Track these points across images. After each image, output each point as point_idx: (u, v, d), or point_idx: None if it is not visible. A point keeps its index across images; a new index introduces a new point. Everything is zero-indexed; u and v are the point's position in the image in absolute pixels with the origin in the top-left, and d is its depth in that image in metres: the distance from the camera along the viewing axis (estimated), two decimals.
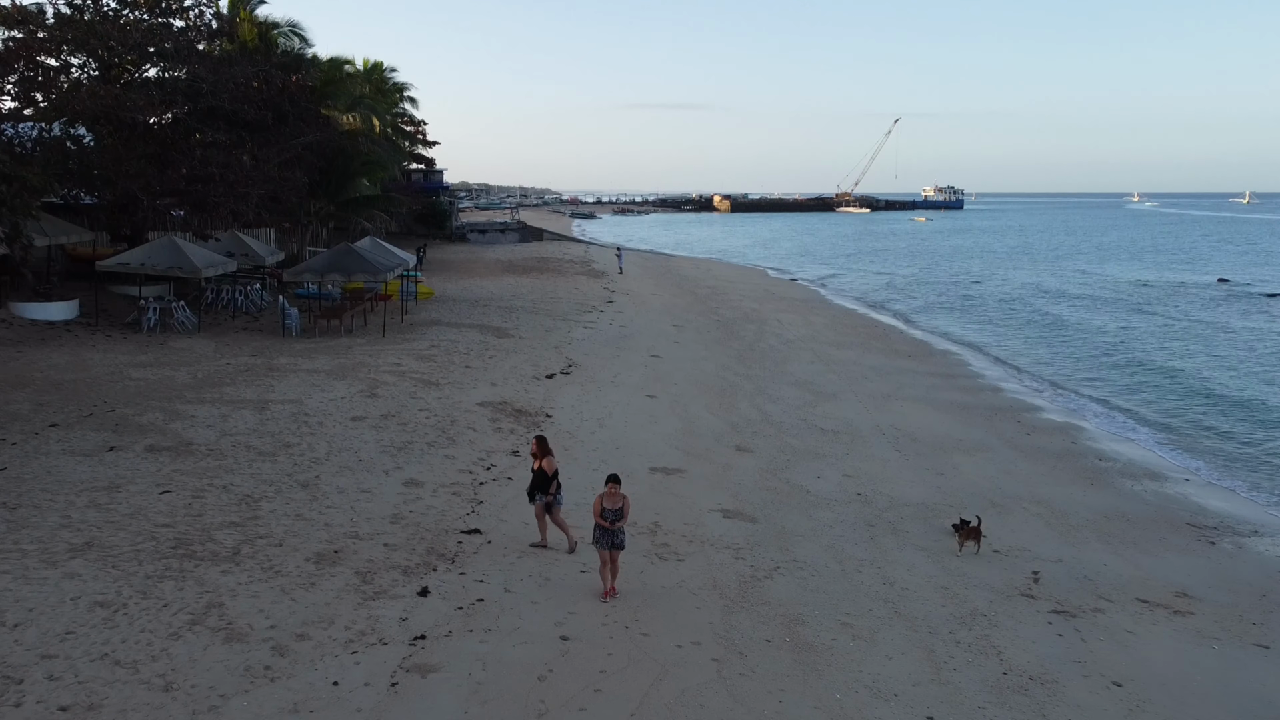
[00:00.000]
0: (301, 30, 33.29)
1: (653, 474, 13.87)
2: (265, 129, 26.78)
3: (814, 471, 15.00)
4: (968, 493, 15.08)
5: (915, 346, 32.12)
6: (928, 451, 17.47)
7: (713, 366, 23.42)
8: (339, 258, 23.03)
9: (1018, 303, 48.74)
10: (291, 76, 28.35)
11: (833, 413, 19.71)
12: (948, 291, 52.72)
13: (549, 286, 37.49)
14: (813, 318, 37.37)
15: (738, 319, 33.50)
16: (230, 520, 10.34)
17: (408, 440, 13.92)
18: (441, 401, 16.46)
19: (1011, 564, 12.00)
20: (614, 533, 9.19)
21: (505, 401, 16.90)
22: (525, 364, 20.75)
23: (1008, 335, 36.94)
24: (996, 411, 22.30)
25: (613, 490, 9.27)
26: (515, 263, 48.93)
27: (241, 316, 25.84)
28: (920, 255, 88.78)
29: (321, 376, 18.08)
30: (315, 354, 20.55)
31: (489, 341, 23.23)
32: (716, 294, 42.46)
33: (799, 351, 27.54)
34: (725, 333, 29.61)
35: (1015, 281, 58.44)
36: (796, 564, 10.93)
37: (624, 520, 9.30)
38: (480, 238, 65.93)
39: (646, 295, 38.41)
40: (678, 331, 28.62)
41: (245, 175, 24.52)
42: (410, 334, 23.90)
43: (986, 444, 18.73)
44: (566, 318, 28.60)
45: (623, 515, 9.25)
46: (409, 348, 21.78)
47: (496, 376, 19.08)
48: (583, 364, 21.46)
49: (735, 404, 19.35)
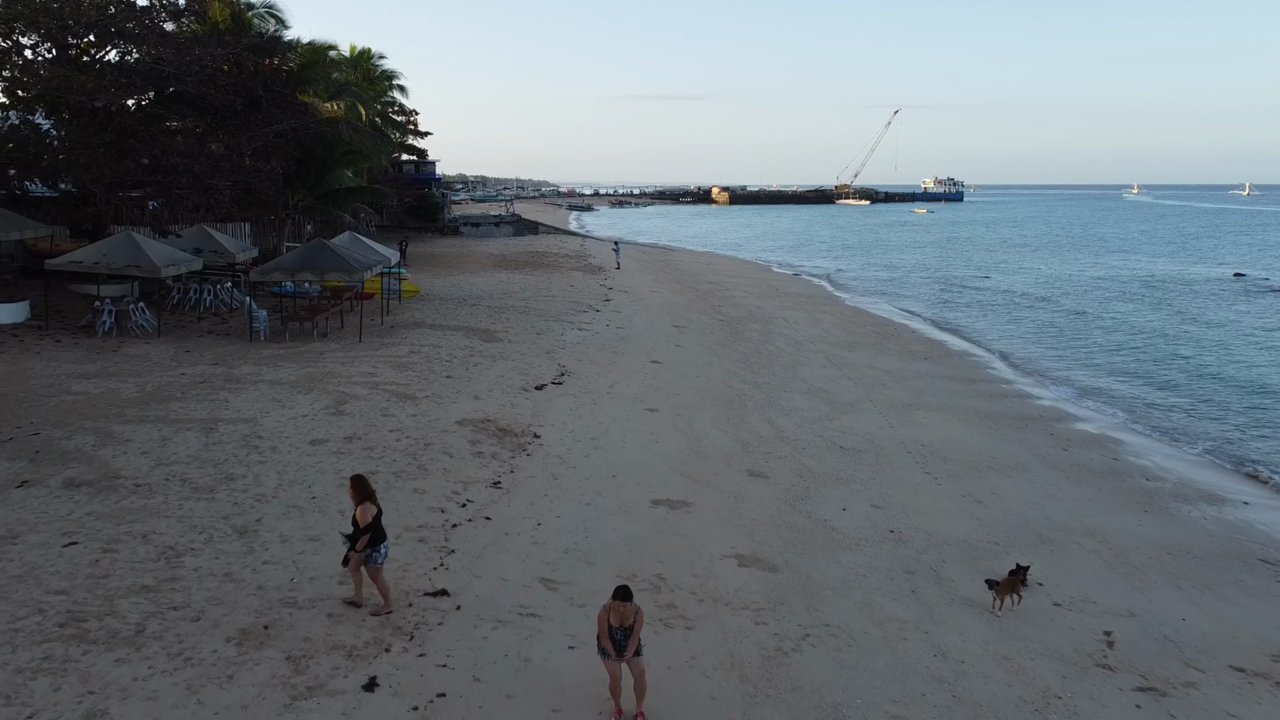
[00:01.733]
0: (278, 11, 31.34)
1: (655, 508, 12.04)
2: (236, 115, 24.84)
3: (838, 501, 13.17)
4: (1012, 524, 13.28)
5: (930, 347, 30.30)
6: (960, 472, 15.66)
7: (718, 373, 21.57)
8: (311, 255, 21.13)
9: (1031, 299, 46.87)
10: (265, 59, 26.38)
11: (852, 426, 17.88)
12: (957, 287, 50.87)
13: (543, 283, 35.59)
14: (821, 316, 35.52)
15: (742, 318, 31.64)
16: (142, 583, 8.50)
17: (372, 470, 12.06)
18: (416, 420, 14.60)
19: (1078, 621, 10.19)
20: (622, 648, 7.31)
21: (489, 419, 15.04)
22: (513, 372, 18.88)
23: (1025, 334, 35.11)
24: (1026, 421, 20.50)
25: (620, 606, 7.26)
26: (508, 257, 47.01)
27: (210, 318, 23.95)
28: (923, 248, 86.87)
29: (285, 389, 16.21)
30: (282, 362, 18.68)
31: (475, 346, 21.36)
32: (719, 290, 40.59)
33: (809, 354, 25.70)
34: (730, 333, 27.75)
35: (1025, 276, 56.61)
36: (828, 629, 9.11)
37: (635, 640, 7.33)
38: (474, 231, 63.96)
39: (645, 292, 36.53)
40: (679, 333, 26.75)
41: (213, 165, 22.61)
42: (390, 338, 22.02)
43: (1022, 461, 16.93)
44: (560, 318, 26.72)
45: (633, 634, 7.29)
46: (387, 354, 19.90)
47: (481, 388, 17.22)
48: (577, 372, 19.60)
49: (745, 417, 17.51)
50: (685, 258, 60.76)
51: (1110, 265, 65.00)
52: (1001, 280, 54.54)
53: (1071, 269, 61.40)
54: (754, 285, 45.43)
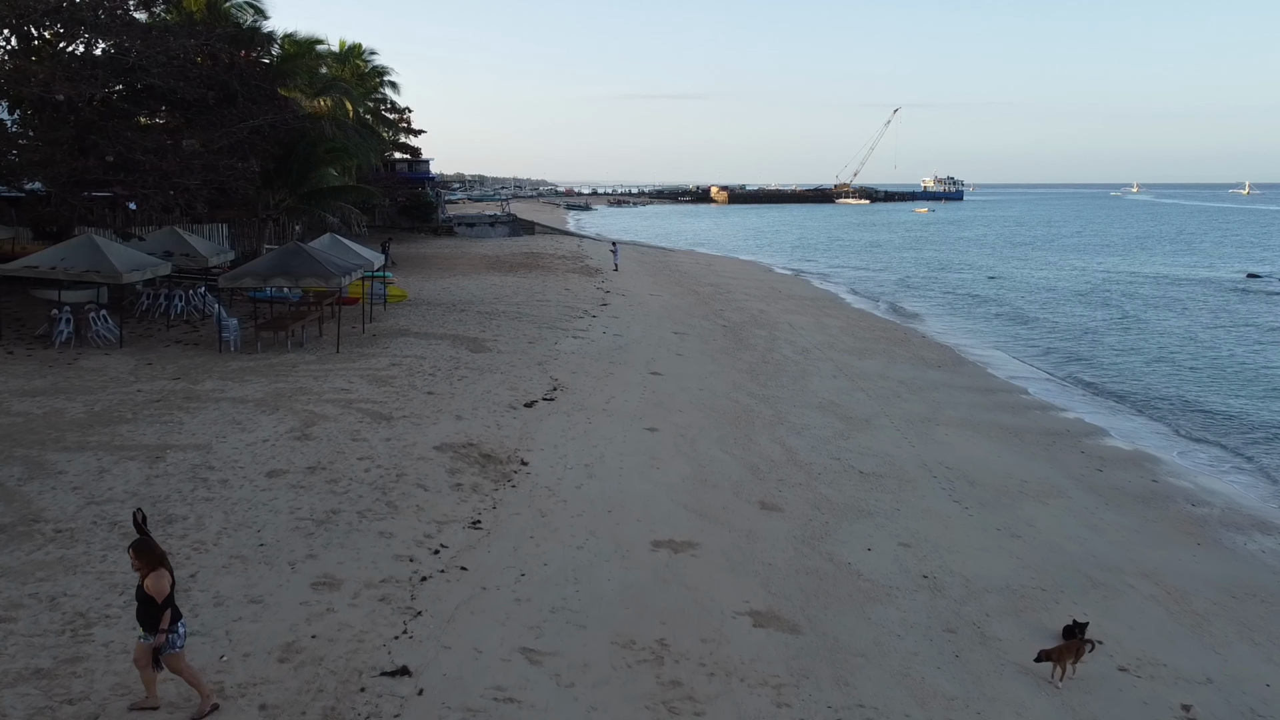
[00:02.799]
0: (258, 2, 29.82)
1: (656, 551, 10.58)
2: (209, 110, 23.35)
3: (862, 539, 11.71)
4: (1057, 564, 11.83)
5: (943, 354, 28.86)
6: (991, 499, 14.21)
7: (722, 385, 20.11)
8: (285, 259, 19.64)
9: (1041, 300, 45.46)
10: (241, 51, 24.89)
11: (869, 446, 16.42)
12: (964, 288, 49.45)
13: (537, 286, 34.12)
14: (827, 320, 34.08)
15: (746, 323, 30.18)
16: (36, 666, 7.02)
17: (334, 509, 10.60)
18: (390, 445, 13.12)
19: (1150, 691, 8.74)
20: None
21: (471, 443, 13.57)
22: (501, 387, 17.40)
23: (1040, 338, 33.69)
24: (1053, 437, 19.07)
25: None
26: (502, 258, 45.52)
27: (181, 326, 22.47)
28: (926, 247, 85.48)
29: (248, 408, 14.73)
30: (250, 376, 17.20)
31: (462, 357, 19.87)
32: (720, 293, 39.13)
33: (818, 363, 24.25)
34: (733, 341, 26.29)
35: (1034, 277, 55.19)
36: (863, 711, 7.66)
37: None
38: (468, 231, 62.45)
39: (644, 295, 35.07)
40: (680, 340, 25.29)
41: (182, 163, 21.12)
42: (370, 347, 20.54)
43: (1056, 485, 15.48)
44: (554, 325, 25.24)
45: None
46: (365, 366, 18.42)
47: (465, 406, 15.74)
48: (570, 386, 18.12)
49: (753, 437, 16.05)
50: (684, 259, 59.34)
51: (1120, 265, 63.57)
52: (1010, 281, 53.10)
53: (1080, 269, 59.98)
54: (756, 287, 43.97)
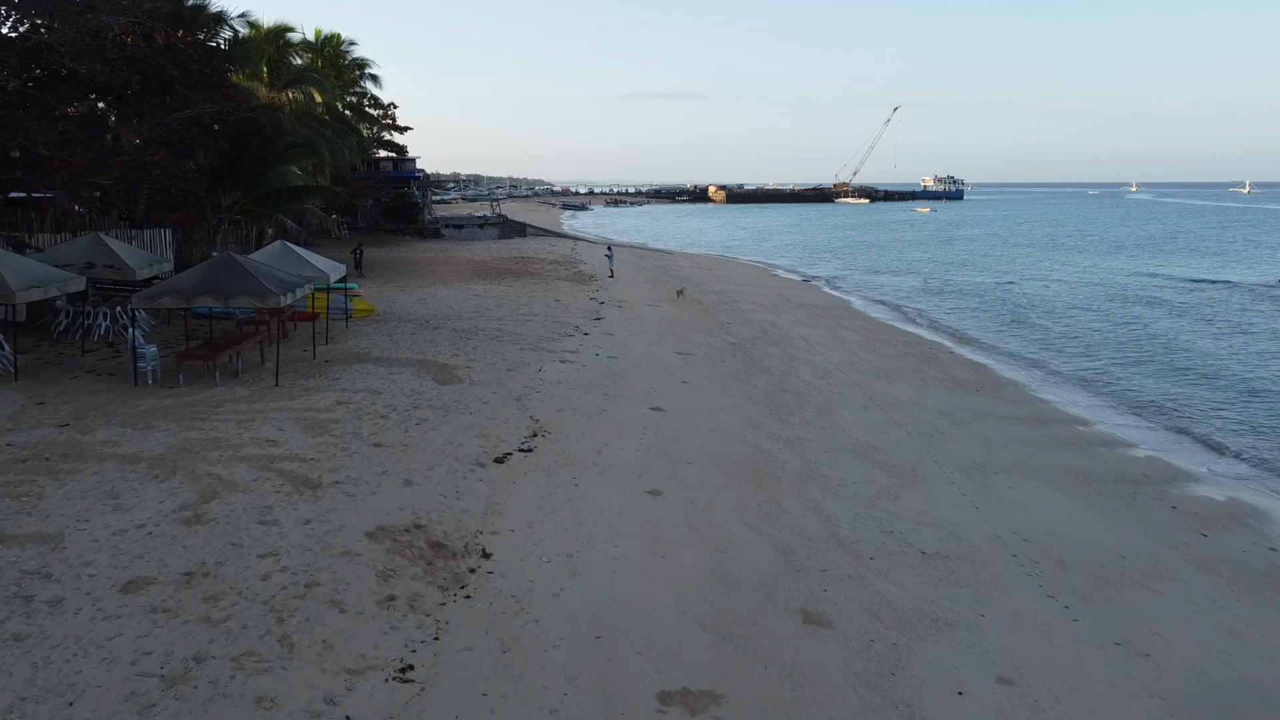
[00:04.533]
0: None
1: (665, 711, 7.36)
2: (137, 99, 20.10)
3: (945, 673, 8.50)
4: (1211, 703, 8.64)
5: (976, 374, 25.70)
6: (1092, 590, 11.01)
7: (737, 423, 16.87)
8: (214, 273, 16.38)
9: (1067, 307, 42.34)
10: (178, 31, 21.63)
11: (923, 509, 13.21)
12: (982, 294, 46.29)
13: (523, 297, 30.87)
14: (844, 334, 30.89)
15: (756, 339, 26.96)
16: None
17: (200, 653, 7.35)
18: (308, 532, 9.89)
19: None
20: None
21: (418, 524, 10.34)
22: (469, 433, 14.16)
23: (1078, 352, 30.53)
24: (1130, 485, 15.88)
25: None
26: (489, 264, 42.26)
27: (101, 350, 19.23)
28: (933, 247, 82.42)
29: (138, 472, 11.49)
30: (159, 420, 13.95)
31: (425, 391, 16.62)
32: (725, 301, 35.92)
33: (843, 389, 21.04)
34: (744, 362, 23.06)
35: (1052, 280, 52.04)
36: None
37: None
38: (456, 233, 59.19)
39: (642, 306, 31.83)
40: (684, 363, 22.05)
41: (98, 159, 17.87)
42: (318, 378, 17.28)
43: (1161, 562, 12.28)
44: (540, 345, 22.00)
45: None
46: (305, 405, 15.16)
47: (419, 464, 12.51)
48: (554, 429, 14.88)
49: (780, 500, 12.83)
50: (684, 262, 56.09)
51: (1138, 268, 60.42)
52: (1029, 286, 49.91)
53: (1099, 272, 56.79)
54: (762, 295, 40.78)
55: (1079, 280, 52.73)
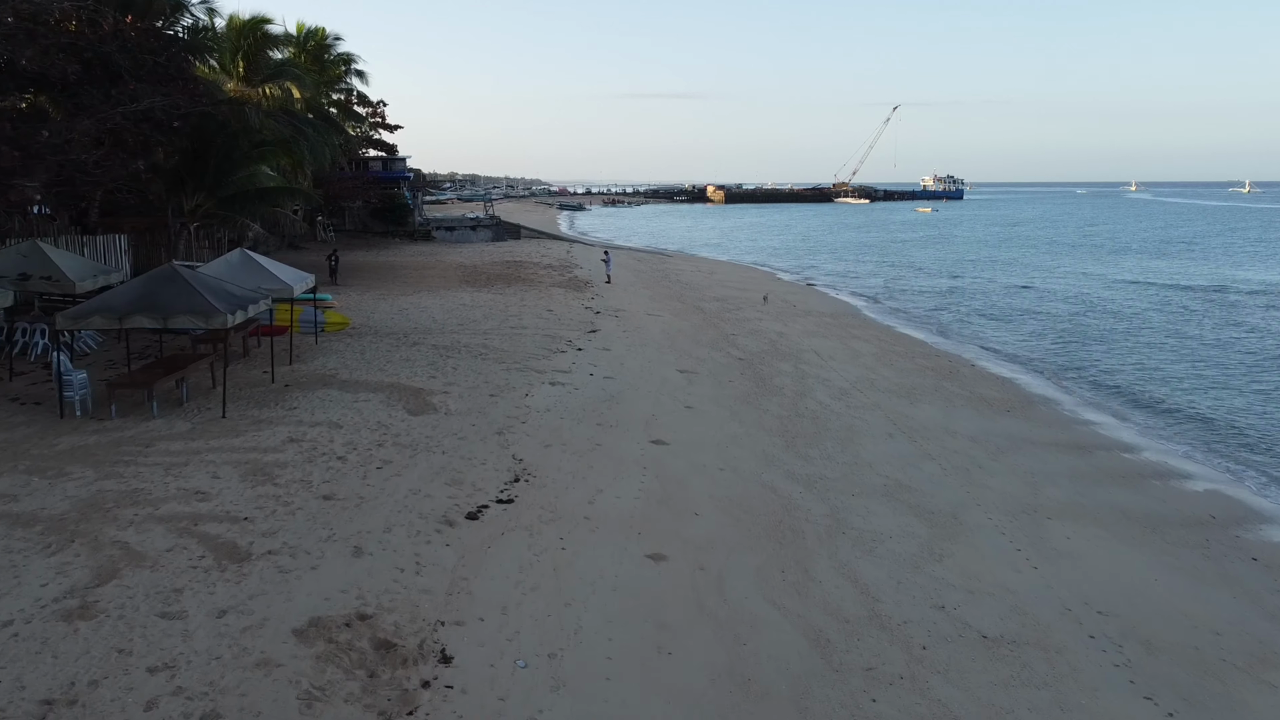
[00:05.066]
0: None
1: None
2: (78, 90, 18.03)
3: None
4: None
5: (1003, 390, 23.68)
6: (1193, 685, 8.97)
7: (750, 459, 14.81)
8: (152, 289, 14.31)
9: (1086, 310, 40.45)
10: (128, 17, 19.54)
11: (975, 570, 11.16)
12: (995, 297, 44.30)
13: (514, 306, 28.79)
14: (856, 344, 28.85)
15: (765, 353, 24.89)
16: None
17: None
18: (221, 626, 7.81)
19: None
20: None
21: (364, 614, 8.26)
22: (438, 480, 12.09)
23: (1105, 362, 28.59)
24: (1201, 532, 13.85)
25: None
26: (480, 269, 40.18)
27: (36, 373, 17.15)
28: (935, 247, 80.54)
29: (29, 539, 9.42)
30: (73, 465, 11.88)
31: (393, 424, 14.55)
32: (728, 309, 33.87)
33: (863, 412, 19.00)
34: (754, 381, 20.99)
35: (1067, 283, 50.04)
36: None
37: None
38: (447, 235, 57.09)
39: (640, 315, 29.78)
40: (688, 383, 19.99)
41: (22, 159, 15.79)
42: (274, 407, 15.21)
43: (1265, 640, 10.23)
44: (528, 364, 19.93)
45: None
46: (251, 443, 13.09)
47: (374, 523, 10.43)
48: (539, 471, 12.82)
49: (808, 565, 10.75)
50: (684, 265, 54.07)
51: (1154, 270, 58.37)
52: (1044, 289, 47.90)
53: (1115, 275, 54.73)
54: (769, 302, 38.76)
55: (1093, 282, 50.75)
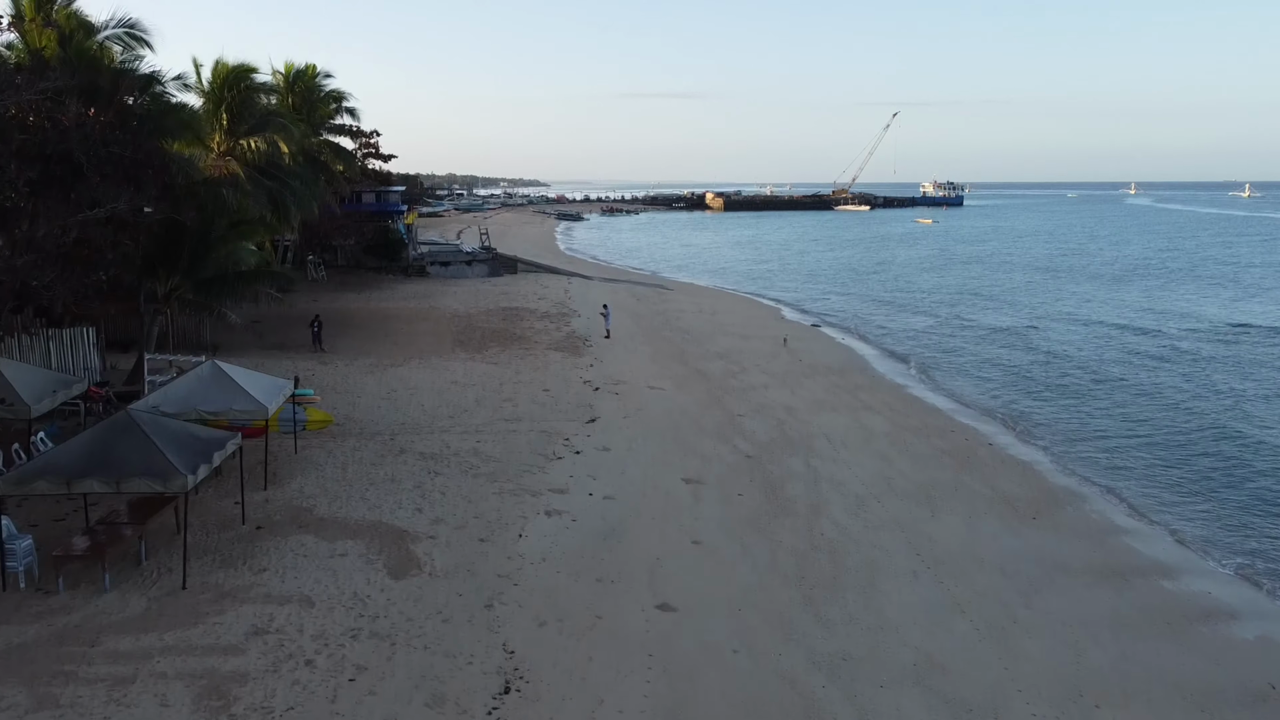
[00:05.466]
0: (141, 32, 22.83)
1: None
2: (32, 195, 16.62)
3: None
4: None
5: (1026, 483, 22.40)
6: None
7: (766, 631, 13.36)
8: (105, 443, 12.86)
9: (1100, 359, 39.21)
10: (89, 109, 18.14)
11: None
12: (1005, 345, 42.96)
13: (508, 382, 27.38)
14: (867, 417, 27.53)
15: (773, 443, 23.49)
16: None
17: None
18: None
19: None
20: None
21: None
22: (415, 704, 10.67)
23: (1126, 437, 27.38)
24: (1263, 710, 12.58)
25: None
26: (474, 320, 38.77)
27: None
28: (937, 270, 79.38)
29: None
30: (5, 679, 10.48)
31: (371, 599, 13.14)
32: (733, 371, 32.47)
33: (881, 534, 17.65)
34: (764, 491, 19.59)
35: (1083, 323, 48.67)
36: None
37: None
38: (442, 271, 55.70)
39: (641, 388, 28.39)
40: (694, 500, 18.60)
41: None
42: (239, 569, 13.80)
43: None
44: (521, 483, 18.52)
45: None
46: (209, 639, 11.68)
47: None
48: (532, 674, 11.42)
49: None
50: (684, 302, 52.63)
51: (1164, 303, 57.04)
52: (1052, 330, 46.57)
53: (1123, 311, 53.34)
54: (773, 352, 37.40)
55: (1104, 320, 49.37)
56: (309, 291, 46.25)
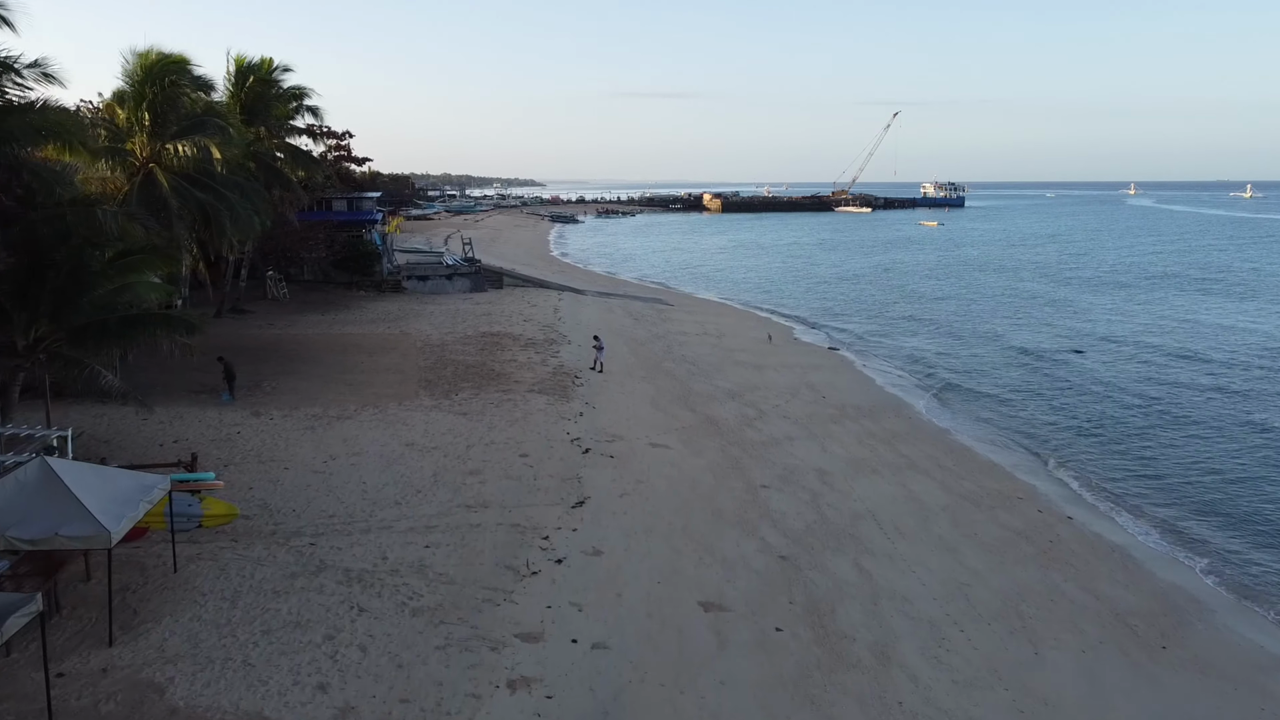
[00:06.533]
0: (6, 10, 17.67)
1: None
2: None
3: None
4: None
5: (1138, 588, 17.61)
6: None
7: None
8: None
9: (1160, 390, 34.56)
10: None
11: None
12: (1043, 370, 38.25)
13: (477, 444, 22.27)
14: (916, 481, 22.62)
15: (810, 530, 18.45)
16: None
17: None
18: None
19: None
20: None
21: None
22: None
23: (1242, 505, 22.53)
24: None
25: None
26: (448, 351, 33.64)
27: None
28: (953, 277, 74.68)
29: None
30: None
31: None
32: (749, 417, 27.41)
33: (977, 697, 12.64)
34: (811, 624, 14.48)
35: (1125, 344, 43.78)
36: None
37: None
38: (420, 286, 50.52)
39: (643, 445, 23.31)
40: (718, 644, 13.49)
41: None
42: None
43: None
44: (475, 625, 13.39)
45: None
46: None
47: None
48: None
49: None
50: (687, 321, 47.52)
51: (1217, 315, 52.10)
52: (1099, 353, 41.64)
53: (1175, 326, 48.33)
54: (789, 385, 32.38)
55: (1145, 340, 44.41)
56: (266, 315, 41.09)
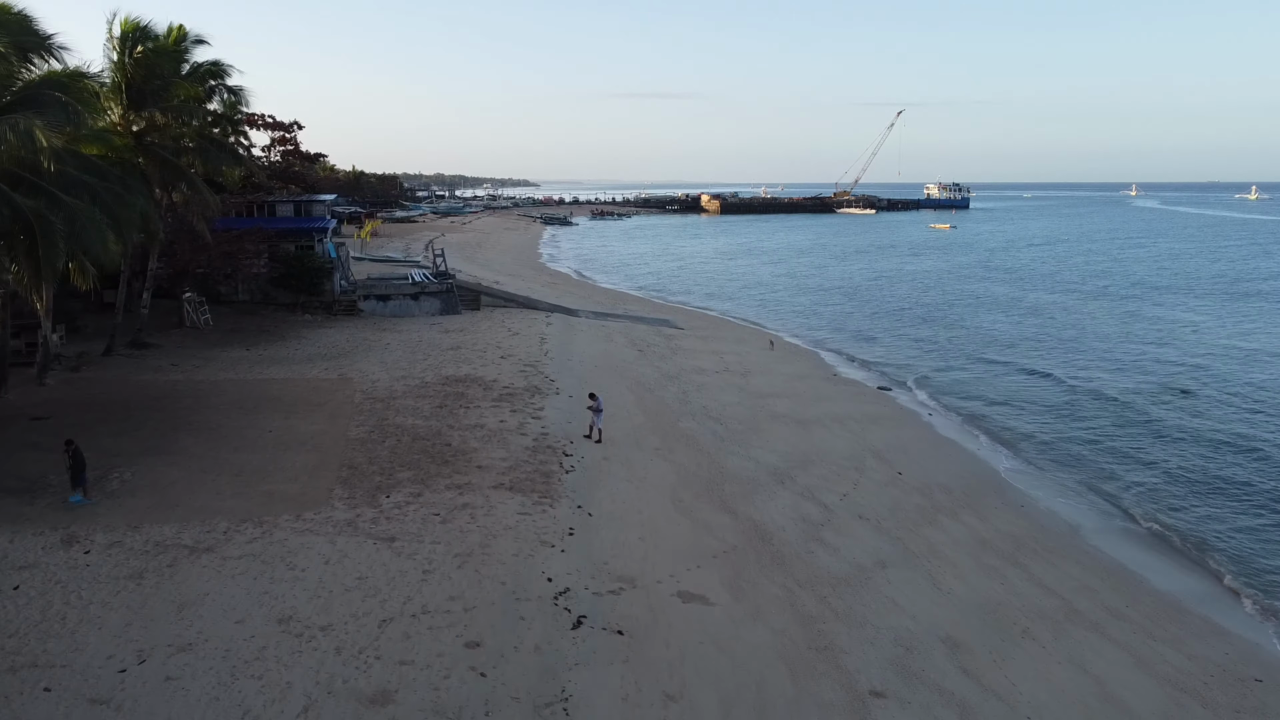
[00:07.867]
0: None
1: None
2: None
3: None
4: None
5: None
6: None
7: None
8: None
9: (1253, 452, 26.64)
10: None
11: None
12: (1136, 420, 30.02)
13: (406, 598, 13.80)
14: (1099, 658, 14.47)
15: None
16: None
17: None
18: None
19: None
20: None
21: None
22: None
23: None
24: None
25: None
26: (394, 408, 25.02)
27: None
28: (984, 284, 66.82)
29: None
30: None
31: None
32: (817, 523, 18.98)
33: None
34: None
35: (1235, 383, 35.44)
36: None
37: None
38: (380, 307, 41.92)
39: (668, 602, 14.85)
40: None
41: None
42: None
43: None
44: None
45: None
46: None
47: None
48: None
49: None
50: (701, 351, 38.96)
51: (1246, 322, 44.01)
52: (1210, 395, 33.39)
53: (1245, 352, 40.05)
54: (852, 454, 23.92)
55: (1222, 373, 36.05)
56: (173, 351, 32.37)
